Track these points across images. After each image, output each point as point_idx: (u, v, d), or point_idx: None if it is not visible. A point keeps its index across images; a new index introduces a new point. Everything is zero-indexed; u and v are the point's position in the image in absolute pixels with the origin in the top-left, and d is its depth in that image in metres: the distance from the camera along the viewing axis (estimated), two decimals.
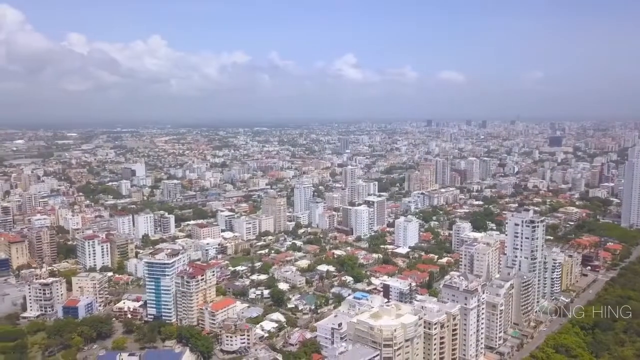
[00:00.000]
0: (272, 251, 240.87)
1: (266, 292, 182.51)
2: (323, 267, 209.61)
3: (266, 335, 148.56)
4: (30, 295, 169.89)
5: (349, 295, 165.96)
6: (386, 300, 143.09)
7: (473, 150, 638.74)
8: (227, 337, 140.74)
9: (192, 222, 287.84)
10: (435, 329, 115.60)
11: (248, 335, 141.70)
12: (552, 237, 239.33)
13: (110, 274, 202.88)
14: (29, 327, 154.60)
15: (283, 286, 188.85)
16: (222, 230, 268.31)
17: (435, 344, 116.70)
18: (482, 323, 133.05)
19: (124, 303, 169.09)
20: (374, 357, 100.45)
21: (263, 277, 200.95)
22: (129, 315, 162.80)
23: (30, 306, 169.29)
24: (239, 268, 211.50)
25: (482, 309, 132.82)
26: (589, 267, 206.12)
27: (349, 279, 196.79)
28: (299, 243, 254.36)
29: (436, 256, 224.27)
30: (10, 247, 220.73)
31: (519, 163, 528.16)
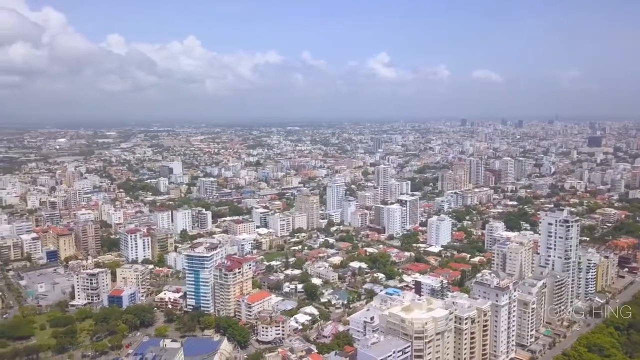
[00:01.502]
0: (305, 247, 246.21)
1: (300, 286, 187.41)
2: (355, 264, 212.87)
3: (300, 327, 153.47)
4: (78, 285, 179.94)
5: (381, 291, 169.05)
6: (418, 296, 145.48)
7: (508, 150, 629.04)
8: (262, 327, 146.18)
9: (228, 218, 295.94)
10: (465, 324, 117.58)
11: (283, 327, 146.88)
12: (588, 238, 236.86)
13: (151, 266, 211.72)
14: (77, 314, 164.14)
15: (316, 281, 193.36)
16: (257, 227, 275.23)
17: (465, 339, 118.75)
18: (513, 320, 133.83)
19: (164, 294, 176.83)
20: (406, 348, 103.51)
21: (297, 272, 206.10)
22: (170, 306, 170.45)
23: (78, 295, 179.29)
24: (273, 263, 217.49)
25: (514, 306, 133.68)
26: (626, 269, 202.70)
27: (381, 275, 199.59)
28: (331, 240, 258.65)
29: (468, 255, 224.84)
30: (58, 239, 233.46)
31: (555, 163, 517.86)
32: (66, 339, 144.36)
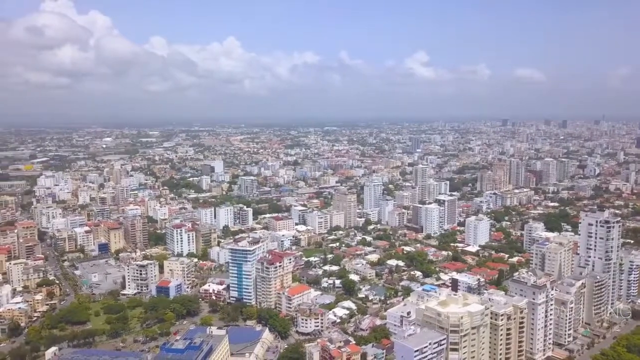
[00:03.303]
0: (343, 245, 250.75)
1: (338, 282, 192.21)
2: (392, 262, 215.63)
3: (338, 320, 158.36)
4: (128, 275, 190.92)
5: (418, 288, 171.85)
6: (454, 293, 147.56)
7: (551, 151, 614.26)
8: (302, 319, 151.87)
9: (268, 215, 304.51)
10: (501, 320, 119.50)
11: (322, 319, 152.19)
12: (632, 241, 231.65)
13: (195, 259, 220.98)
14: (128, 302, 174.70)
15: (354, 277, 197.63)
16: (296, 224, 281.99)
17: (501, 335, 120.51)
18: (550, 319, 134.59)
19: (209, 286, 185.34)
20: (441, 340, 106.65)
21: (335, 268, 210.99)
22: (214, 297, 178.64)
23: (129, 285, 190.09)
24: (312, 259, 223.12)
25: (551, 305, 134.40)
26: None
27: (418, 273, 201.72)
28: (368, 238, 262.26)
29: (506, 255, 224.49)
30: (109, 233, 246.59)
31: (600, 165, 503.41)
32: (119, 325, 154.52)
